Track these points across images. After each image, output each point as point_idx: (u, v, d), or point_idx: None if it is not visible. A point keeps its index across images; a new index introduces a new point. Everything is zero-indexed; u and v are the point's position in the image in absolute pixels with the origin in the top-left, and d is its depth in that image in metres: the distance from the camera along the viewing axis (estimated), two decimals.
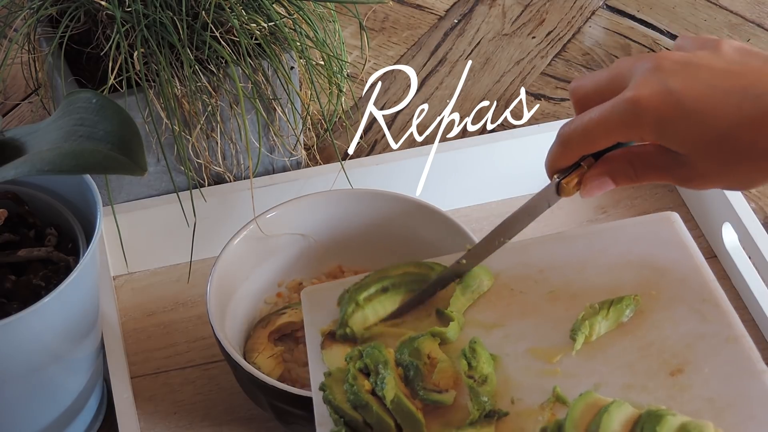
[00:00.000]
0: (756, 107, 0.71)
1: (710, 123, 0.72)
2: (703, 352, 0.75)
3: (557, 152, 0.78)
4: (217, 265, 0.93)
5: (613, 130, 0.75)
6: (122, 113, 0.77)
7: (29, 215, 0.90)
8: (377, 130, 1.17)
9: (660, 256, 0.80)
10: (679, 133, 0.73)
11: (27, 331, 0.81)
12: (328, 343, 0.80)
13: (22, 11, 1.01)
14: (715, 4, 1.30)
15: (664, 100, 0.72)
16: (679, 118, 0.72)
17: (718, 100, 0.72)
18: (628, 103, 0.73)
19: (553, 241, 0.84)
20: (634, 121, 0.73)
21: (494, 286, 0.81)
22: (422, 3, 1.30)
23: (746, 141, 0.71)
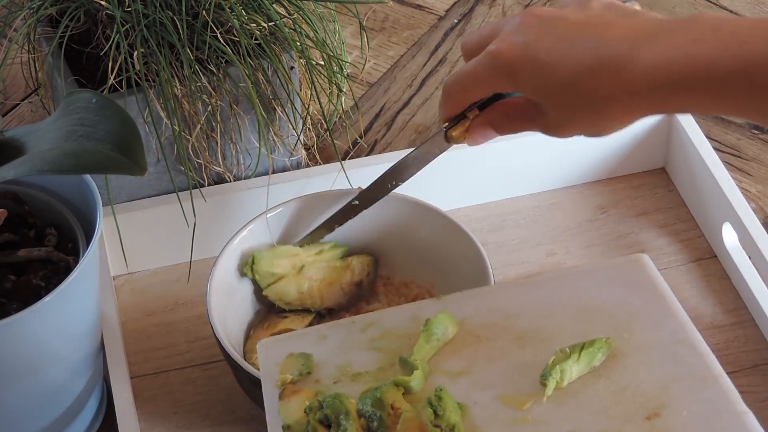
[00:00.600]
0: (595, 56, 0.74)
1: (557, 73, 0.76)
2: (680, 395, 0.73)
3: (442, 102, 0.85)
4: (217, 265, 0.93)
5: (480, 81, 0.80)
6: (122, 113, 0.77)
7: (29, 215, 0.90)
8: (377, 130, 1.17)
9: (632, 298, 0.79)
10: (531, 83, 0.77)
11: (27, 331, 0.81)
12: (286, 393, 0.77)
13: (22, 11, 1.01)
14: (715, 4, 1.30)
15: (519, 53, 0.77)
16: (532, 69, 0.77)
17: (564, 51, 0.76)
18: (488, 56, 0.79)
19: (520, 286, 0.82)
20: (494, 73, 0.79)
21: (459, 333, 0.79)
22: (422, 3, 1.30)
23: (587, 89, 0.75)
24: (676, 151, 1.09)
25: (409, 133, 1.17)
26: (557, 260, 1.04)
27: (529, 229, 1.07)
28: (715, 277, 1.03)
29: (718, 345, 0.98)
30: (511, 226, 1.07)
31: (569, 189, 1.10)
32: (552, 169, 1.09)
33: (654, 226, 1.07)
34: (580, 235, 1.07)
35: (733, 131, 1.16)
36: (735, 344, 0.98)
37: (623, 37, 0.74)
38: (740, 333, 0.99)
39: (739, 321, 1.00)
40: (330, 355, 0.79)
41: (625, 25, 0.75)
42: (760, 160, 1.13)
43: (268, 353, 0.80)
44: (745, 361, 0.97)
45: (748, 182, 1.11)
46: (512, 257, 1.04)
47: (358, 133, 1.16)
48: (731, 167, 1.12)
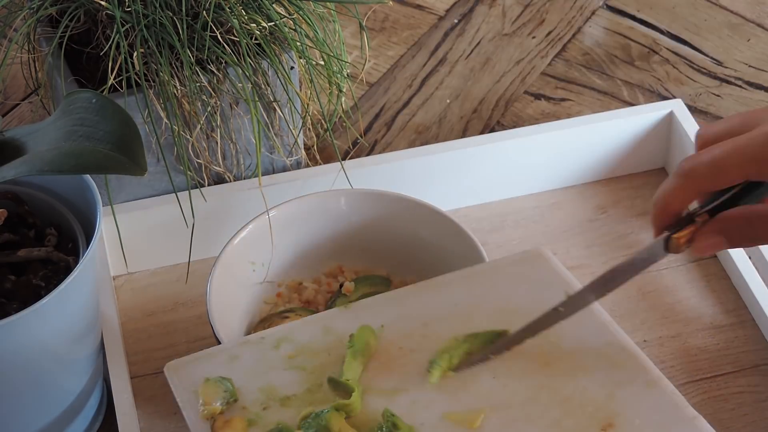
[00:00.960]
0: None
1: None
2: (627, 402, 0.70)
3: (676, 186, 0.73)
4: (217, 265, 0.93)
5: (749, 160, 0.70)
6: (122, 113, 0.77)
7: (29, 215, 0.90)
8: (377, 130, 1.17)
9: (546, 296, 0.75)
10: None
11: (27, 331, 0.81)
12: (218, 426, 0.72)
13: (22, 11, 1.01)
14: (715, 4, 1.30)
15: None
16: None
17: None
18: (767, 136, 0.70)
19: (430, 290, 0.78)
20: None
21: (382, 346, 0.75)
22: (422, 3, 1.30)
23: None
24: (676, 151, 1.09)
25: (409, 133, 1.17)
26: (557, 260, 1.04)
27: (529, 229, 1.07)
28: (715, 277, 1.03)
29: (718, 345, 0.98)
30: (511, 226, 1.07)
31: (569, 189, 1.10)
32: (552, 169, 1.09)
33: None
34: (580, 235, 1.06)
35: None
36: (735, 344, 0.98)
37: None
38: (740, 333, 0.99)
39: (739, 321, 1.00)
40: (248, 378, 0.74)
41: None
42: None
43: (180, 378, 0.75)
44: (745, 361, 0.97)
45: None
46: None
47: (358, 133, 1.16)
48: None
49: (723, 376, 0.96)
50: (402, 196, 0.97)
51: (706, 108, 1.18)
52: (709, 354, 0.97)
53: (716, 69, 1.23)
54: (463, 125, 1.17)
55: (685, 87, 1.21)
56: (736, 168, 0.71)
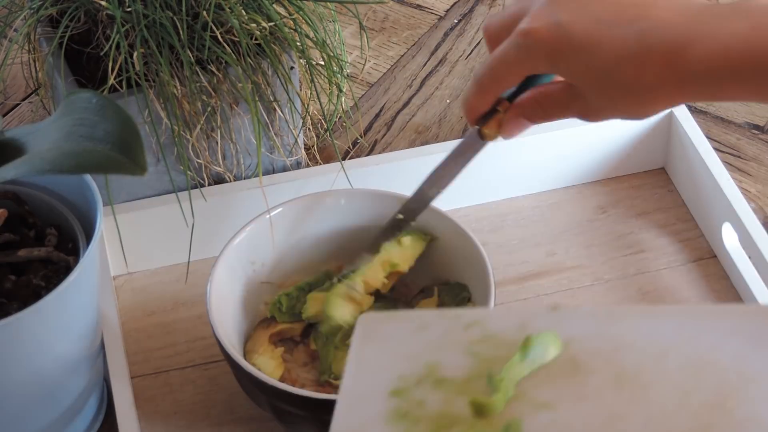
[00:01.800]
0: (639, 42, 0.72)
1: (597, 56, 0.73)
2: None
3: (472, 95, 0.81)
4: (217, 265, 0.93)
5: (512, 64, 0.77)
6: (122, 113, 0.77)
7: (29, 215, 0.90)
8: (377, 130, 1.17)
9: (754, 359, 0.70)
10: (569, 66, 0.75)
11: (27, 331, 0.81)
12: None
13: (22, 11, 1.01)
14: None
15: (554, 33, 0.74)
16: (568, 50, 0.74)
17: (603, 33, 0.73)
18: (520, 36, 0.75)
19: (640, 315, 0.74)
20: (528, 54, 0.75)
21: (561, 357, 0.71)
22: (422, 3, 1.31)
23: (630, 75, 0.72)
24: (676, 151, 1.09)
25: (409, 133, 1.17)
26: (557, 260, 1.04)
27: (529, 229, 1.07)
28: (715, 277, 1.03)
29: None
30: (511, 226, 1.07)
31: (569, 189, 1.10)
32: (552, 169, 1.09)
33: (654, 226, 1.07)
34: (580, 235, 1.07)
35: (733, 131, 1.16)
36: None
37: (671, 22, 0.71)
38: None
39: None
40: (424, 349, 0.73)
41: (667, 7, 0.72)
42: (760, 160, 1.13)
43: (366, 332, 0.74)
44: None
45: (748, 182, 1.11)
46: (512, 257, 1.04)
47: (358, 133, 1.16)
48: (731, 167, 1.12)
49: None
50: (402, 196, 0.97)
51: (705, 108, 1.18)
52: None
53: None
54: (463, 125, 1.17)
55: None
56: (509, 73, 0.78)
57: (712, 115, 1.18)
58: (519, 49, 0.76)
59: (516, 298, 1.01)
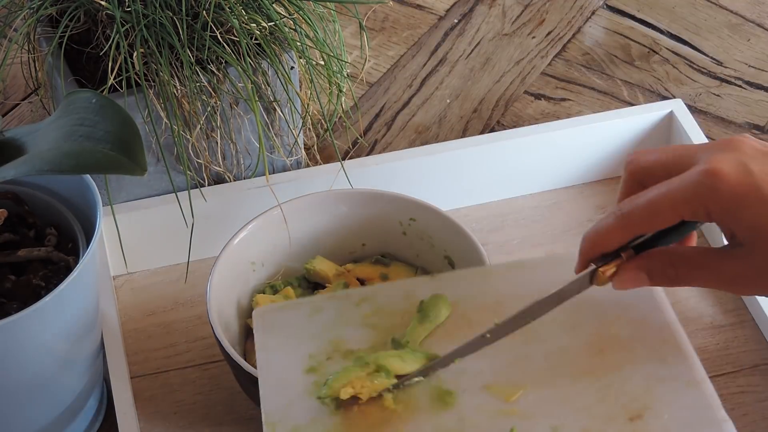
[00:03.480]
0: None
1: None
2: (663, 397, 0.72)
3: (612, 227, 0.74)
4: (217, 265, 0.93)
5: (681, 203, 0.71)
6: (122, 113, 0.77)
7: (29, 215, 0.90)
8: (377, 130, 1.17)
9: (621, 292, 0.76)
10: (751, 217, 0.70)
11: (27, 331, 0.81)
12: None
13: (22, 11, 1.01)
14: (715, 4, 1.30)
15: (743, 179, 0.70)
16: (755, 200, 0.70)
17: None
18: (704, 175, 0.70)
19: (514, 270, 0.81)
20: (708, 195, 0.70)
21: (452, 316, 0.78)
22: (422, 3, 1.31)
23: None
24: None
25: (409, 133, 1.17)
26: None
27: (529, 229, 1.07)
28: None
29: (718, 345, 0.98)
30: (511, 226, 1.07)
31: (569, 189, 1.10)
32: (552, 169, 1.09)
33: None
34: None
35: (734, 131, 1.16)
36: (735, 344, 0.98)
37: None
38: (740, 333, 0.99)
39: (739, 321, 1.00)
40: (323, 329, 0.79)
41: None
42: None
43: (265, 322, 0.79)
44: (745, 361, 0.97)
45: None
46: (512, 257, 1.04)
47: (358, 133, 1.16)
48: None
49: (723, 376, 0.96)
50: (402, 196, 0.97)
51: (706, 108, 1.18)
52: (708, 354, 0.97)
53: (716, 69, 1.23)
54: (463, 125, 1.17)
55: (685, 87, 1.21)
56: (671, 212, 0.72)
57: (712, 115, 1.18)
58: (697, 187, 0.70)
59: None
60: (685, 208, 0.71)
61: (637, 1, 1.30)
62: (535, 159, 1.08)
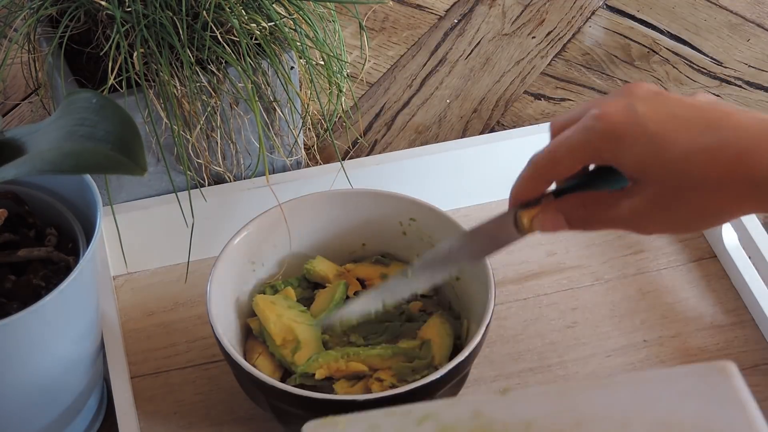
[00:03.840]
0: (715, 138, 0.71)
1: (668, 147, 0.72)
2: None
3: (524, 178, 0.78)
4: (217, 265, 0.93)
5: (575, 148, 0.75)
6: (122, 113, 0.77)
7: (29, 215, 0.90)
8: (377, 130, 1.17)
9: (713, 416, 0.72)
10: (636, 154, 0.73)
11: (27, 331, 0.81)
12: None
13: (22, 11, 1.01)
14: (715, 4, 1.30)
15: (628, 120, 0.73)
16: (639, 138, 0.73)
17: (679, 126, 0.73)
18: (592, 119, 0.74)
19: (595, 388, 0.75)
20: (596, 137, 0.74)
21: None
22: (422, 3, 1.31)
23: (700, 167, 0.72)
24: None
25: (409, 133, 1.17)
26: (557, 260, 1.04)
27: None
28: (715, 277, 1.03)
29: (718, 345, 0.98)
30: None
31: None
32: None
33: None
34: (580, 234, 1.06)
35: None
36: (735, 344, 0.98)
37: (749, 126, 0.71)
38: (740, 333, 0.99)
39: (739, 321, 1.00)
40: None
41: (746, 115, 0.72)
42: None
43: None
44: (745, 361, 0.97)
45: None
46: (512, 257, 1.04)
47: (358, 133, 1.16)
48: None
49: None
50: (402, 196, 0.97)
51: None
52: (709, 354, 0.97)
53: (716, 69, 1.23)
54: (463, 125, 1.17)
55: (685, 87, 1.21)
56: (569, 157, 0.75)
57: None
58: (587, 131, 0.74)
59: (516, 298, 1.01)
60: (579, 152, 0.75)
61: (637, 1, 1.30)
62: None
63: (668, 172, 0.72)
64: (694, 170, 0.72)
